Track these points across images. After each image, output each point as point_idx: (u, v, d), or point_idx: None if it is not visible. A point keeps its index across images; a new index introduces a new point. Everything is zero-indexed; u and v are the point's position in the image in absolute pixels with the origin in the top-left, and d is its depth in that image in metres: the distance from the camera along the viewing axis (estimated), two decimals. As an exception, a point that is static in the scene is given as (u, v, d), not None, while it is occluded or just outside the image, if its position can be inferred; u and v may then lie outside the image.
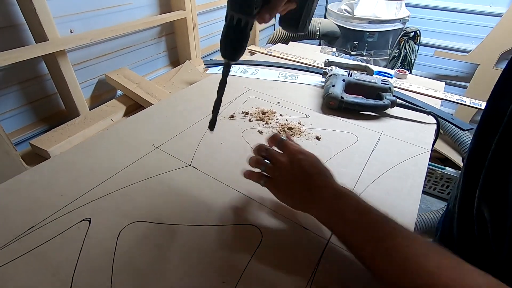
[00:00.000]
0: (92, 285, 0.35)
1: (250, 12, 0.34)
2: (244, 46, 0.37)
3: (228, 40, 0.36)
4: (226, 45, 0.36)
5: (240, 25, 0.34)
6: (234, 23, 0.34)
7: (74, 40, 0.77)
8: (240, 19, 0.34)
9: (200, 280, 0.36)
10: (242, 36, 0.35)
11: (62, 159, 0.55)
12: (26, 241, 0.40)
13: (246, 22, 0.34)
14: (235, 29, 0.35)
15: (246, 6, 0.33)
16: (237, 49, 0.36)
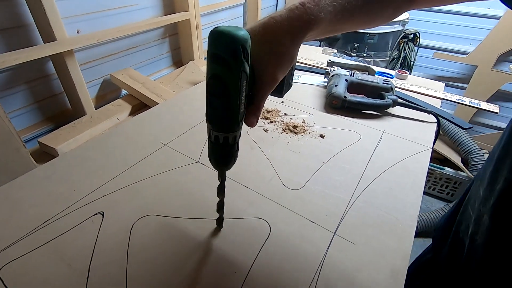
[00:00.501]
0: (108, 276, 0.36)
1: (237, 128, 0.31)
2: (236, 155, 0.35)
3: (220, 157, 0.34)
4: (217, 160, 0.34)
5: (228, 142, 0.32)
6: (221, 141, 0.31)
7: (81, 40, 0.79)
8: (226, 137, 0.31)
9: (212, 270, 0.37)
10: (233, 150, 0.33)
11: (73, 155, 0.56)
12: (41, 234, 0.41)
13: (234, 137, 0.32)
14: (223, 146, 0.32)
15: (233, 125, 0.30)
16: (229, 160, 0.34)
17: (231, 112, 0.29)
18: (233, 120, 0.30)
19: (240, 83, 0.28)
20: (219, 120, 0.30)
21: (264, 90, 0.31)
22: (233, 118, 0.30)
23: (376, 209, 0.47)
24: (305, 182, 0.52)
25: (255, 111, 0.32)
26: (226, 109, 0.29)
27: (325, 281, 0.37)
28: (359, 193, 0.50)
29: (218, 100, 0.29)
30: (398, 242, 0.42)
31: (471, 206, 0.42)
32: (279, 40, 0.29)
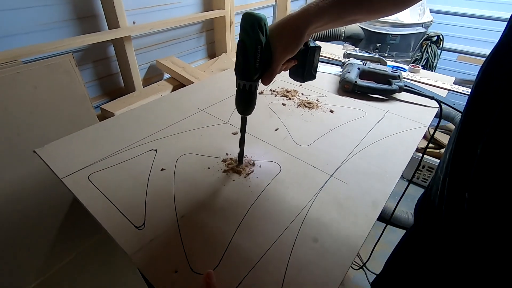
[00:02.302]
0: (161, 187, 0.51)
1: (251, 78, 0.44)
2: (254, 103, 0.48)
3: (240, 101, 0.47)
4: (239, 105, 0.48)
5: (246, 89, 0.45)
6: (241, 88, 0.45)
7: (137, 28, 0.96)
8: (245, 84, 0.45)
9: (237, 188, 0.51)
10: (250, 96, 0.46)
11: (130, 114, 0.72)
12: (114, 159, 0.56)
13: (250, 85, 0.45)
14: (243, 92, 0.45)
15: (248, 75, 0.44)
16: (248, 106, 0.48)
17: (249, 65, 0.43)
18: (250, 71, 0.43)
19: (255, 46, 0.41)
20: (240, 70, 0.44)
21: (277, 59, 0.44)
22: (250, 69, 0.43)
23: (369, 164, 0.58)
24: (312, 142, 0.64)
25: (269, 74, 0.45)
26: (245, 62, 0.43)
27: (320, 203, 0.49)
28: (357, 152, 0.61)
29: (241, 56, 0.43)
30: (382, 185, 0.53)
31: (440, 169, 0.45)
32: (287, 27, 0.43)
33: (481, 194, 0.32)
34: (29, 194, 0.70)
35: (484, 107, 0.32)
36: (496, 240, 0.33)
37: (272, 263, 0.39)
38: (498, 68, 0.32)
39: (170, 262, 0.39)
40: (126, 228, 0.43)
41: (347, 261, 0.40)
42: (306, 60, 0.47)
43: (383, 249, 1.43)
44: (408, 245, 0.60)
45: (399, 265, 0.61)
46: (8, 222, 0.68)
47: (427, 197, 0.51)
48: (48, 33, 0.83)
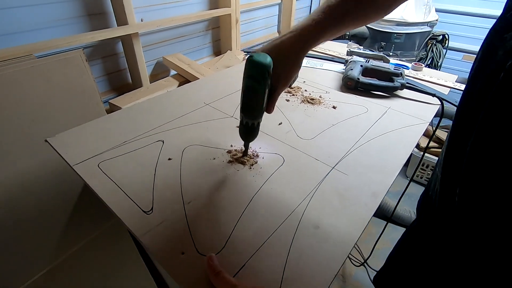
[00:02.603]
0: (168, 176, 0.53)
1: (261, 116, 0.48)
2: (257, 134, 0.51)
3: (246, 134, 0.51)
4: (245, 137, 0.52)
5: (254, 126, 0.49)
6: (250, 125, 0.49)
7: (145, 25, 0.99)
8: (253, 123, 0.48)
9: (242, 177, 0.52)
10: (256, 130, 0.50)
11: (138, 107, 0.74)
12: (123, 148, 0.59)
13: (258, 123, 0.49)
14: (250, 128, 0.49)
15: (259, 115, 0.48)
16: (253, 137, 0.52)
17: (258, 108, 0.46)
18: (259, 113, 0.47)
19: (265, 91, 0.44)
20: (250, 113, 0.47)
21: (279, 91, 0.47)
22: (259, 111, 0.47)
23: (370, 157, 0.60)
24: (315, 136, 0.66)
25: (272, 103, 0.48)
26: (255, 107, 0.46)
27: (322, 193, 0.50)
28: (358, 146, 0.63)
29: (249, 101, 0.46)
30: (382, 177, 0.54)
31: (437, 166, 0.47)
32: (287, 58, 0.44)
33: (471, 189, 0.33)
34: (41, 183, 0.73)
35: (472, 106, 0.33)
36: (487, 233, 0.33)
37: (275, 248, 0.41)
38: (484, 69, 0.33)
39: (177, 245, 0.40)
40: (135, 212, 0.45)
41: (347, 247, 0.41)
42: None
43: (384, 246, 1.44)
44: (409, 240, 0.61)
45: (400, 260, 0.62)
46: (21, 210, 0.70)
47: (426, 193, 0.53)
48: (60, 29, 0.86)
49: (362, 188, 0.52)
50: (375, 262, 1.31)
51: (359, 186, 0.52)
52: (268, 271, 0.38)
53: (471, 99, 0.34)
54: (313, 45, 0.45)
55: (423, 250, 0.52)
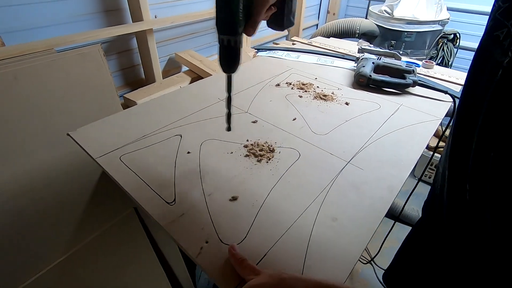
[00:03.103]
0: (188, 167, 0.54)
1: (236, 32, 0.39)
2: (238, 59, 0.43)
3: (225, 58, 0.42)
4: (224, 63, 0.43)
5: (231, 44, 0.40)
6: (225, 44, 0.40)
7: (159, 22, 1.00)
8: (229, 39, 0.40)
9: (259, 171, 0.54)
10: (234, 52, 0.41)
11: (156, 102, 0.76)
12: (143, 142, 0.60)
13: (235, 41, 0.40)
14: (228, 48, 0.40)
15: (232, 29, 0.39)
16: (234, 63, 0.43)
17: (232, 17, 0.38)
18: (233, 23, 0.38)
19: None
20: (222, 24, 0.39)
21: (259, 7, 0.40)
22: (232, 22, 0.38)
23: (384, 152, 0.60)
24: (329, 131, 0.67)
25: (252, 24, 0.41)
26: (228, 14, 0.38)
27: (338, 186, 0.51)
28: (372, 141, 0.64)
29: (222, 8, 0.38)
30: (397, 172, 0.55)
31: (440, 164, 0.47)
32: None
33: (482, 184, 0.32)
34: (59, 175, 0.75)
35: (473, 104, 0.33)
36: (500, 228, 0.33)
37: (294, 239, 0.42)
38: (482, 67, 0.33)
39: (201, 234, 0.42)
40: (159, 203, 0.46)
41: (365, 240, 0.42)
42: (285, 6, 0.44)
43: (391, 245, 1.44)
44: (416, 238, 0.62)
45: (409, 257, 0.63)
46: (40, 201, 0.72)
47: (432, 192, 0.52)
48: (78, 25, 0.88)
49: (377, 182, 0.53)
50: (382, 260, 1.31)
51: (374, 180, 0.53)
52: (290, 261, 0.39)
53: (471, 98, 0.34)
54: None
55: (430, 247, 0.53)
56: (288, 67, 1.00)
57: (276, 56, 1.09)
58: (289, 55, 1.10)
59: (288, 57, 1.08)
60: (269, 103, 0.77)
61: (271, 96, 0.80)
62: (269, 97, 0.80)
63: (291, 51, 1.13)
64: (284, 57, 1.08)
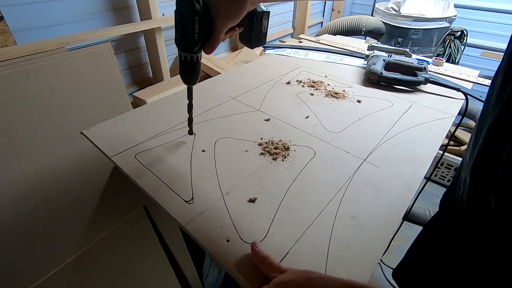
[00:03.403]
0: (203, 165, 0.54)
1: (192, 50, 0.42)
2: (198, 74, 0.47)
3: (184, 72, 0.46)
4: (183, 76, 0.47)
5: (188, 60, 0.43)
6: (182, 59, 0.43)
7: (168, 20, 1.00)
8: (186, 56, 0.43)
9: (275, 169, 0.53)
10: (193, 67, 0.45)
11: (167, 100, 0.76)
12: (157, 140, 0.60)
13: (191, 57, 0.43)
14: (185, 63, 0.44)
15: (188, 48, 0.42)
16: (192, 77, 0.47)
17: (187, 36, 0.41)
18: (189, 43, 0.41)
19: (192, 16, 0.39)
20: (180, 42, 0.42)
21: (218, 28, 0.42)
22: (188, 42, 0.41)
23: (400, 150, 0.60)
24: (343, 129, 0.66)
25: (212, 43, 0.43)
26: (183, 34, 0.41)
27: (355, 185, 0.51)
28: (387, 139, 0.63)
29: (179, 27, 0.41)
30: (414, 169, 0.55)
31: (463, 170, 0.46)
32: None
33: (510, 197, 0.31)
34: (71, 173, 0.75)
35: (506, 111, 0.32)
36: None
37: (315, 237, 0.42)
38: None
39: (221, 232, 0.42)
40: (177, 202, 0.46)
41: (386, 239, 0.42)
42: (253, 26, 0.46)
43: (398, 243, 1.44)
44: (430, 236, 0.61)
45: (422, 254, 0.63)
46: (51, 200, 0.72)
47: (451, 193, 0.51)
48: (86, 23, 0.88)
49: (395, 180, 0.52)
50: (390, 259, 1.31)
51: (391, 178, 0.53)
52: (312, 260, 0.39)
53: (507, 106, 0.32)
54: None
55: (448, 246, 0.52)
56: (297, 65, 0.99)
57: (285, 54, 1.08)
58: (297, 53, 1.09)
59: (296, 55, 1.08)
60: (280, 101, 0.76)
61: (282, 94, 0.80)
62: (280, 95, 0.79)
63: (299, 49, 1.12)
64: (292, 55, 1.07)
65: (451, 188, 0.54)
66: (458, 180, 0.49)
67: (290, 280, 0.31)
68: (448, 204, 0.53)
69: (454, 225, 0.49)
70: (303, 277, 0.31)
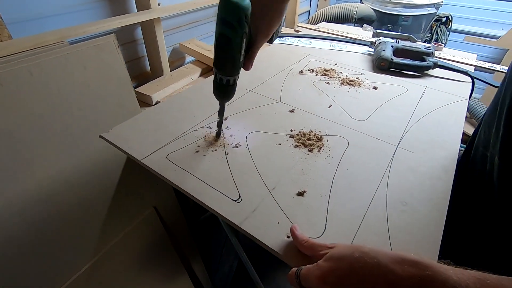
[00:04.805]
0: (241, 162, 0.52)
1: (237, 73, 0.41)
2: (234, 91, 0.45)
3: (222, 93, 0.45)
4: (220, 96, 0.45)
5: (229, 83, 0.42)
6: (224, 82, 0.42)
7: (168, 9, 0.94)
8: (229, 79, 0.41)
9: (314, 161, 0.52)
10: (232, 88, 0.44)
11: (182, 96, 0.72)
12: (184, 139, 0.57)
13: (234, 79, 0.42)
14: (227, 86, 0.42)
15: (235, 71, 0.40)
16: (230, 95, 0.46)
17: (234, 62, 0.39)
18: (235, 68, 0.40)
19: (242, 41, 0.37)
20: (224, 67, 0.40)
21: (258, 44, 0.42)
22: (234, 66, 0.40)
23: (427, 134, 0.61)
24: (368, 116, 0.66)
25: (251, 58, 0.43)
26: (229, 60, 0.39)
27: (396, 171, 0.51)
28: (412, 125, 0.64)
29: (224, 53, 0.39)
30: (446, 152, 0.56)
31: (485, 148, 0.47)
32: (267, 3, 0.38)
33: None
34: (80, 177, 0.69)
35: None
36: None
37: (373, 227, 0.41)
38: None
39: (279, 229, 0.40)
40: (225, 202, 0.44)
41: (440, 222, 0.43)
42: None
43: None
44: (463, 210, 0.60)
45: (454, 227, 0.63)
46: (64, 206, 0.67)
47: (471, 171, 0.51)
48: (82, 14, 0.81)
49: (431, 164, 0.53)
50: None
51: (428, 162, 0.53)
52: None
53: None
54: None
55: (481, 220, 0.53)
56: (304, 54, 0.98)
57: (288, 43, 1.06)
58: (300, 41, 1.08)
59: (300, 43, 1.06)
60: (299, 91, 0.75)
61: (299, 84, 0.78)
62: (296, 85, 0.78)
63: (302, 37, 1.11)
64: (296, 44, 1.05)
65: (467, 159, 0.53)
66: (477, 159, 0.50)
67: (348, 254, 0.30)
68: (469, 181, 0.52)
69: (486, 201, 0.50)
70: (358, 251, 0.30)
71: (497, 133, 0.42)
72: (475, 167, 0.50)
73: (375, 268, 0.28)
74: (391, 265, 0.28)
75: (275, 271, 1.22)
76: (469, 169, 0.53)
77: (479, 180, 0.47)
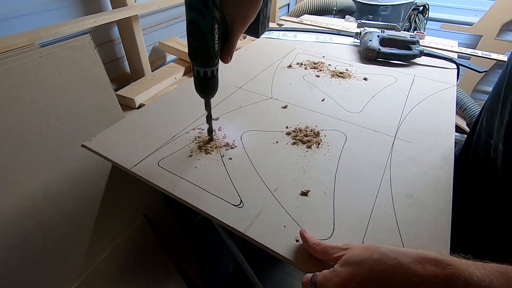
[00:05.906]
0: (238, 163, 0.49)
1: (213, 63, 0.38)
2: (217, 85, 0.42)
3: (202, 88, 0.42)
4: (201, 91, 0.43)
5: (207, 76, 0.39)
6: (202, 75, 0.39)
7: (146, 6, 0.89)
8: (206, 71, 0.38)
9: (314, 157, 0.50)
10: (212, 81, 0.41)
11: (168, 97, 0.68)
12: (175, 143, 0.53)
13: (212, 71, 0.39)
14: (204, 79, 0.40)
15: (210, 61, 0.37)
16: (211, 90, 0.43)
17: (207, 51, 0.36)
18: (209, 57, 0.37)
19: (212, 26, 0.34)
20: (198, 57, 0.37)
21: (236, 33, 0.38)
22: (209, 56, 0.37)
23: (421, 123, 0.61)
24: (362, 108, 0.65)
25: (229, 49, 0.39)
26: (202, 48, 0.36)
27: (397, 162, 0.50)
28: (405, 115, 0.63)
29: (195, 41, 0.36)
30: (443, 141, 0.56)
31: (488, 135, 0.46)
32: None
33: None
34: (62, 189, 0.64)
35: None
36: None
37: (382, 223, 0.40)
38: None
39: (287, 233, 0.38)
40: (226, 208, 0.41)
41: (447, 212, 0.42)
42: (260, 15, 0.42)
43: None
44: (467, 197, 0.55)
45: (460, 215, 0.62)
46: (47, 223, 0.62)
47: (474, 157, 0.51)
48: (51, 14, 0.74)
49: (431, 153, 0.53)
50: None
51: (427, 151, 0.53)
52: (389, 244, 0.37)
53: None
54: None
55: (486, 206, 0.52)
56: (290, 47, 0.96)
57: (273, 37, 1.04)
58: (285, 35, 1.05)
59: (285, 37, 1.04)
60: (290, 86, 0.73)
61: (289, 78, 0.76)
62: (287, 80, 0.75)
63: (287, 31, 1.08)
64: (281, 37, 1.03)
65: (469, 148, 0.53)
66: (480, 145, 0.50)
67: (366, 256, 0.28)
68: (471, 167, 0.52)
69: (490, 189, 0.50)
70: (377, 253, 0.28)
71: (501, 120, 0.41)
72: (478, 154, 0.50)
73: (397, 270, 0.27)
74: (412, 266, 0.27)
75: (271, 267, 1.21)
76: (471, 157, 0.53)
77: (483, 167, 0.47)
